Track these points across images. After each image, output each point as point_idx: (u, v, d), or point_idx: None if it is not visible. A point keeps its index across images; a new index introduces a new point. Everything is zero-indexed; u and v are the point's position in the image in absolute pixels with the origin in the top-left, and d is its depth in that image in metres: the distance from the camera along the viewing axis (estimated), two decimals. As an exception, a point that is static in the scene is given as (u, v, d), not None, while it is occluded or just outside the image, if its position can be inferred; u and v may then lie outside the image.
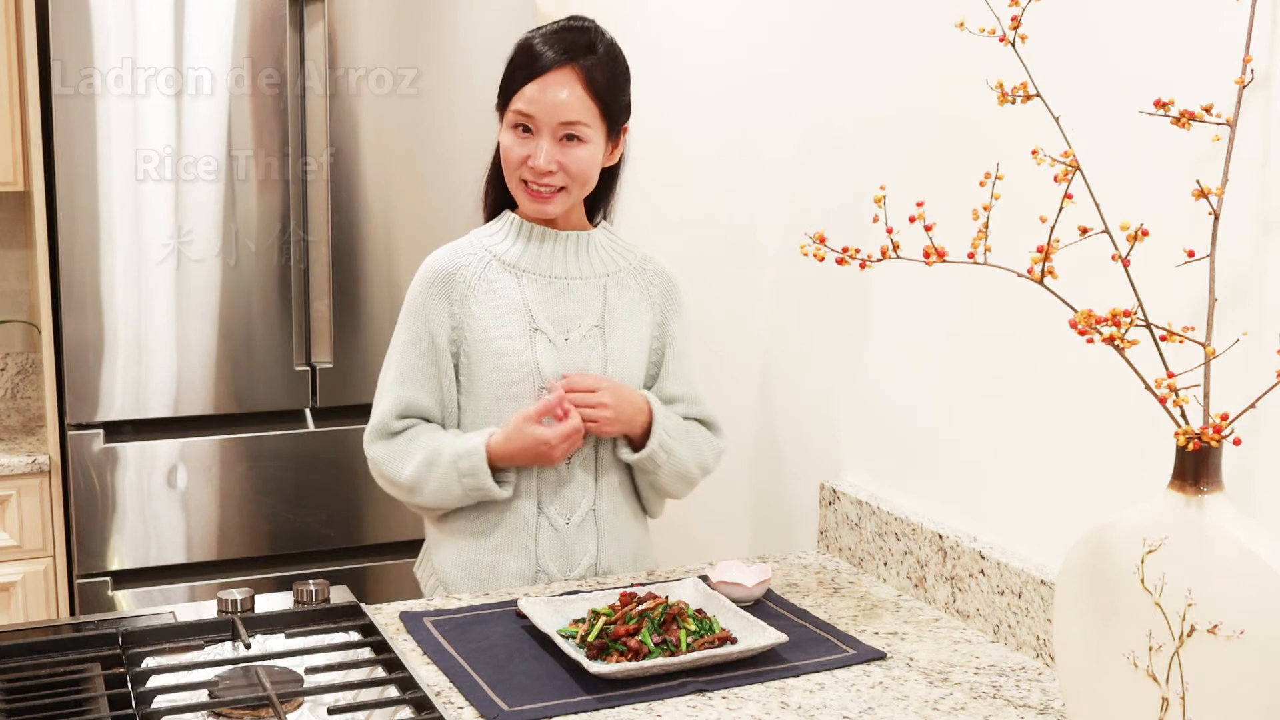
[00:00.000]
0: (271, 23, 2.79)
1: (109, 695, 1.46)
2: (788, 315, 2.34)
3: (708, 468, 2.05)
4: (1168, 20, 1.52)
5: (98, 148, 2.70)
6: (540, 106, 1.87)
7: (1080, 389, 1.66)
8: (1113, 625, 1.32)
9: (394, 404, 1.93)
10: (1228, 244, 1.41)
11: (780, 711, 1.51)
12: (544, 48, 1.88)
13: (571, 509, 1.97)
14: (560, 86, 1.86)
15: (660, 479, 1.99)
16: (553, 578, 1.97)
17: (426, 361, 1.93)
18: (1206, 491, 1.27)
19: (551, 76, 1.86)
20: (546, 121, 1.87)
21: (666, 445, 1.96)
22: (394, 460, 1.93)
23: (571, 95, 1.87)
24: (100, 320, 2.75)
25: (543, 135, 1.88)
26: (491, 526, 1.95)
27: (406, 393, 1.93)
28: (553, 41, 1.88)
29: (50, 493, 2.83)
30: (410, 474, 1.91)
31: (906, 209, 1.54)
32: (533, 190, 1.90)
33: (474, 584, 1.96)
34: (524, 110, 1.88)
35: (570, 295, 1.96)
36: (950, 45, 1.83)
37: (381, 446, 1.94)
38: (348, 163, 2.90)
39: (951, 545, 1.85)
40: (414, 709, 1.47)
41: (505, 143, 1.91)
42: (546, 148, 1.87)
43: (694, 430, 2.03)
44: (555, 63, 1.86)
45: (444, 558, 1.99)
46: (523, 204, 1.93)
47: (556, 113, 1.87)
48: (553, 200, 1.91)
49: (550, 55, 1.87)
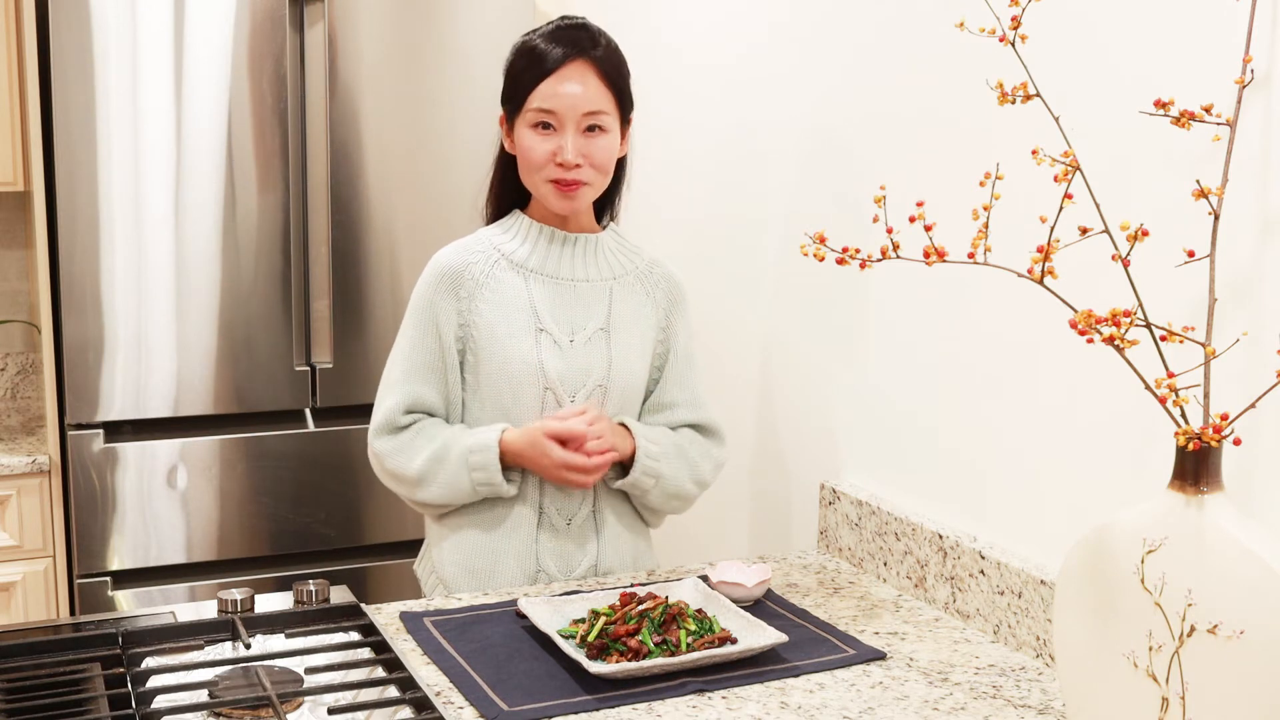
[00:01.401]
0: (271, 23, 2.79)
1: (109, 695, 1.46)
2: (788, 315, 2.34)
3: (704, 482, 2.04)
4: (1168, 20, 1.52)
5: (98, 148, 2.70)
6: (561, 101, 1.87)
7: (1080, 389, 1.66)
8: (1113, 625, 1.32)
9: (401, 399, 1.93)
10: (1228, 244, 1.41)
11: (780, 711, 1.51)
12: (550, 45, 1.88)
13: (572, 511, 1.97)
14: (577, 80, 1.87)
15: (651, 500, 2.00)
16: (552, 578, 1.97)
17: (433, 358, 1.93)
18: (1206, 491, 1.27)
19: (566, 70, 1.87)
20: (569, 115, 1.88)
21: (651, 469, 1.95)
22: (401, 453, 1.93)
23: (589, 86, 1.88)
24: (100, 320, 2.75)
25: (566, 129, 1.88)
26: (493, 525, 1.96)
27: (413, 388, 1.93)
28: (557, 39, 1.89)
29: (50, 493, 2.83)
30: (418, 467, 1.91)
31: (906, 209, 1.54)
32: (562, 185, 1.91)
33: (474, 583, 1.96)
34: (545, 107, 1.88)
35: (577, 297, 1.97)
36: (950, 45, 1.83)
37: (387, 440, 1.94)
38: (348, 163, 2.90)
39: (951, 545, 1.85)
40: (414, 709, 1.47)
41: (527, 143, 1.90)
42: (573, 140, 1.88)
43: (689, 443, 2.02)
44: (567, 57, 1.87)
45: (444, 556, 1.99)
46: (550, 202, 1.93)
47: (578, 104, 1.87)
48: (579, 193, 1.92)
49: (560, 51, 1.88)
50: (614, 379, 1.95)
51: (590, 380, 1.94)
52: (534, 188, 1.94)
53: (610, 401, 1.96)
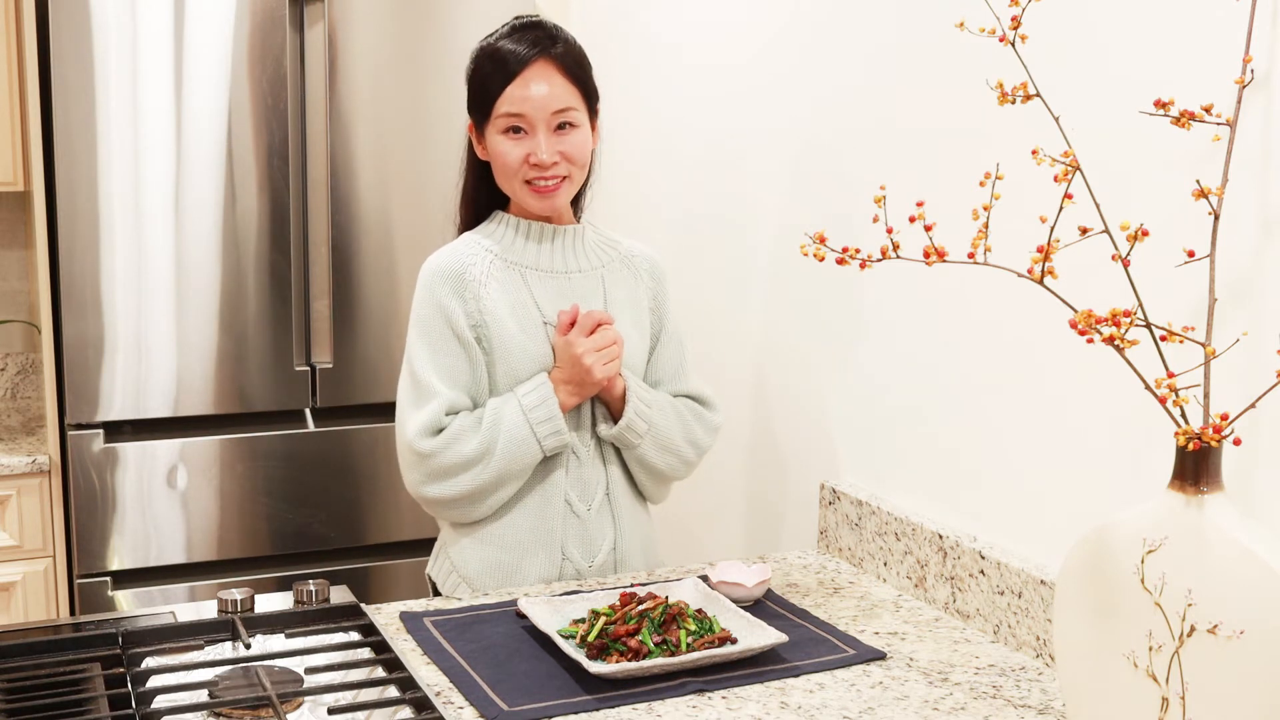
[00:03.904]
0: (271, 23, 2.80)
1: (109, 695, 1.46)
2: (787, 316, 2.34)
3: (700, 443, 2.05)
4: (1168, 20, 1.52)
5: (98, 148, 2.70)
6: (529, 103, 1.88)
7: (1080, 389, 1.66)
8: (1113, 625, 1.32)
9: (441, 404, 1.88)
10: (1228, 244, 1.41)
11: (780, 711, 1.51)
12: (512, 46, 1.89)
13: (590, 494, 1.98)
14: (542, 80, 1.88)
15: (646, 453, 1.99)
16: (576, 565, 1.97)
17: (458, 361, 1.91)
18: (1206, 491, 1.27)
19: (530, 72, 1.88)
20: (539, 116, 1.88)
21: (644, 414, 1.96)
22: (453, 444, 1.87)
23: (555, 85, 1.89)
24: (100, 320, 2.75)
25: (538, 130, 1.89)
26: (517, 518, 1.95)
27: (450, 394, 1.89)
28: (516, 40, 1.90)
29: (50, 493, 2.83)
30: (477, 444, 1.87)
31: (906, 209, 1.54)
32: (538, 186, 1.91)
33: (499, 578, 1.96)
34: (513, 111, 1.89)
35: (573, 289, 1.98)
36: (950, 45, 1.83)
37: (432, 441, 1.88)
38: (348, 163, 2.90)
39: (951, 545, 1.85)
40: (414, 709, 1.47)
41: (499, 149, 1.91)
42: (545, 140, 1.89)
43: (684, 406, 2.05)
44: (529, 58, 1.88)
45: (465, 554, 1.98)
46: (528, 204, 1.93)
47: (547, 104, 1.88)
48: (559, 191, 1.93)
49: (521, 51, 1.88)
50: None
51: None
52: (512, 192, 1.94)
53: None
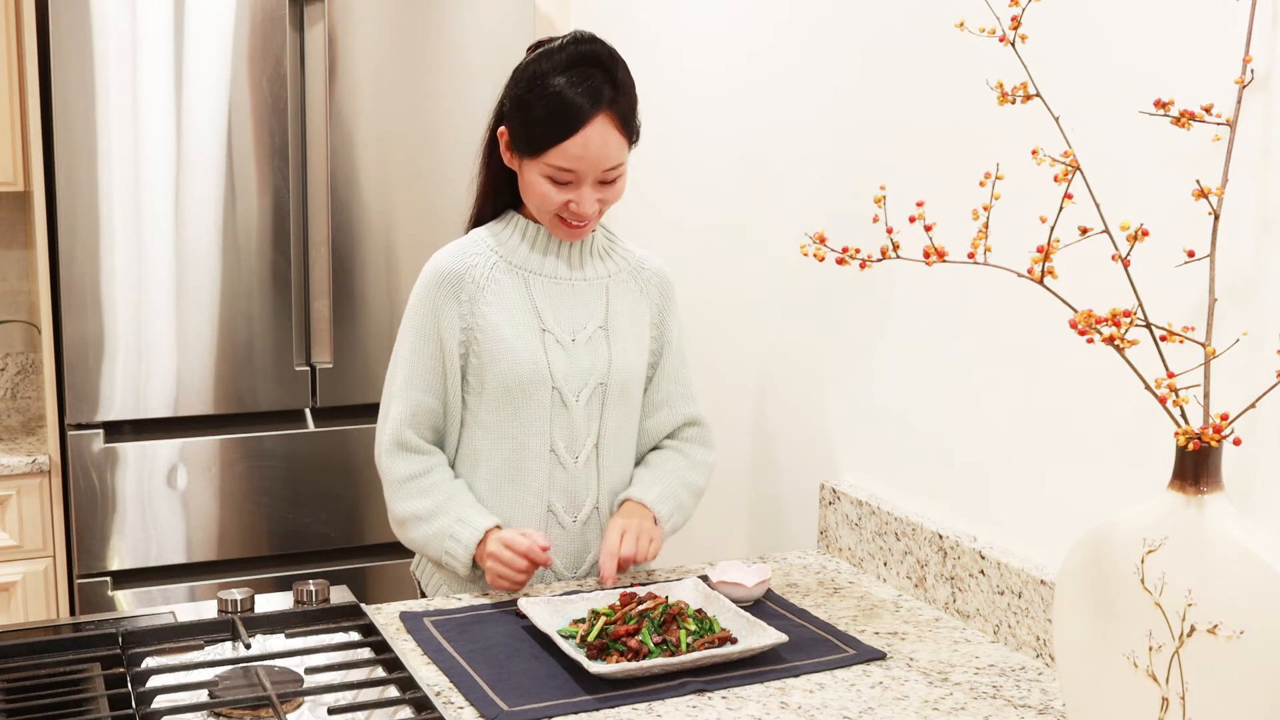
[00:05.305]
0: (271, 23, 2.79)
1: (109, 695, 1.46)
2: (788, 316, 2.34)
3: (701, 491, 2.08)
4: (1168, 20, 1.52)
5: (98, 148, 2.70)
6: (585, 163, 1.84)
7: (1080, 389, 1.66)
8: (1113, 625, 1.32)
9: (404, 409, 1.93)
10: (1228, 244, 1.41)
11: (780, 711, 1.51)
12: (573, 96, 1.82)
13: (576, 509, 1.97)
14: (601, 139, 1.84)
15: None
16: (559, 575, 1.97)
17: (434, 364, 1.93)
18: (1206, 491, 1.27)
19: (591, 130, 1.83)
20: (590, 173, 1.86)
21: (676, 526, 2.01)
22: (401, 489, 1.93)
23: (610, 143, 1.85)
24: (100, 320, 2.75)
25: (585, 184, 1.87)
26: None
27: (415, 396, 1.93)
28: (578, 85, 1.83)
29: (50, 493, 2.83)
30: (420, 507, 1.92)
31: (907, 209, 1.54)
32: (572, 226, 1.91)
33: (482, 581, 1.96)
34: (566, 166, 1.85)
35: (575, 296, 1.97)
36: (951, 45, 1.83)
37: (399, 462, 1.93)
38: (347, 163, 2.90)
39: (951, 545, 1.85)
40: (414, 709, 1.47)
41: (539, 188, 1.87)
42: (590, 193, 1.87)
43: (682, 466, 2.04)
44: (590, 114, 1.83)
45: None
46: (556, 233, 1.94)
47: (599, 164, 1.85)
48: (587, 229, 1.93)
49: (583, 106, 1.82)
50: (614, 377, 1.96)
51: (591, 379, 1.94)
52: (540, 217, 1.93)
53: (610, 399, 1.96)
